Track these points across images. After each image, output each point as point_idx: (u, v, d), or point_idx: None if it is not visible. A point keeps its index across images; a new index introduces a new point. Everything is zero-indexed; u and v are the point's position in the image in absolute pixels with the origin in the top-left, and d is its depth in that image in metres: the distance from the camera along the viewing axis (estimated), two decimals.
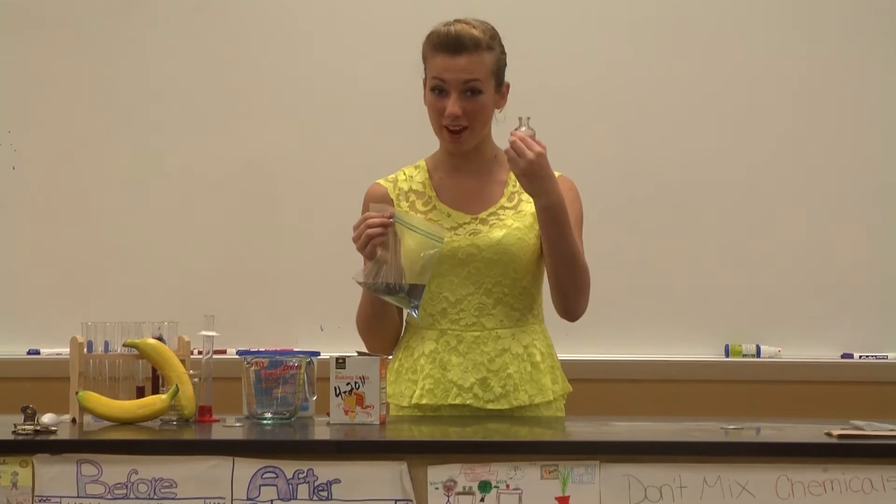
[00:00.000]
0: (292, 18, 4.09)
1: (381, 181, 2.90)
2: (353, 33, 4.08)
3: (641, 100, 4.06)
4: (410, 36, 2.89)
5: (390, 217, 2.67)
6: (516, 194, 2.85)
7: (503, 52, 2.82)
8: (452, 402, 2.78)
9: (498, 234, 2.80)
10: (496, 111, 2.83)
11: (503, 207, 2.84)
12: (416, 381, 2.81)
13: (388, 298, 2.72)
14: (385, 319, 2.85)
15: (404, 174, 2.91)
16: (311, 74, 4.08)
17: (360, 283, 2.71)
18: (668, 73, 4.06)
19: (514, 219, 2.82)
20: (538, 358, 2.83)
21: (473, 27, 2.76)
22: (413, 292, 2.70)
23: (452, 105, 2.74)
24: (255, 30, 4.10)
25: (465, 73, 2.74)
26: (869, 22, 4.06)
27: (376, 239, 2.65)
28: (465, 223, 2.82)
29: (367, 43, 4.07)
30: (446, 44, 2.74)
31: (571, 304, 2.82)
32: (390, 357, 2.88)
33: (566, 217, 2.72)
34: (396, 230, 2.68)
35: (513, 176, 2.84)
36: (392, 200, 2.85)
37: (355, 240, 2.67)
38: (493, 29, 2.81)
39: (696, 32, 4.06)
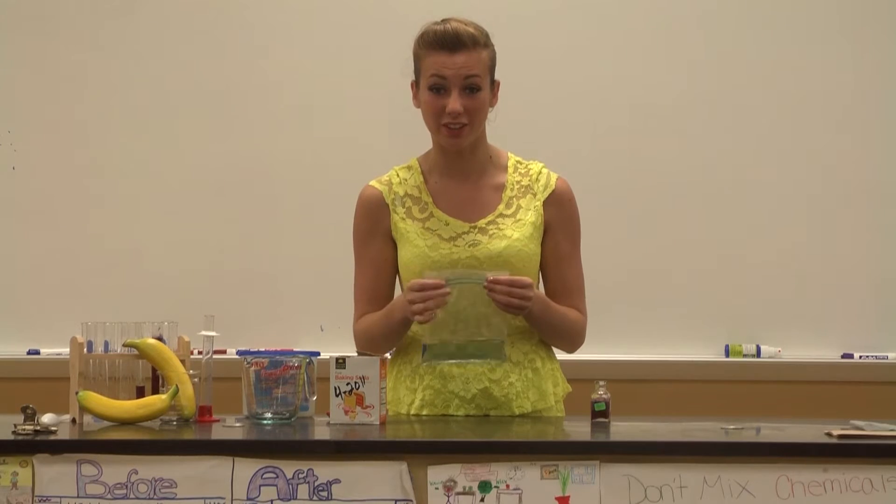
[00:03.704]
0: (290, 20, 4.08)
1: (375, 183, 2.87)
2: (352, 34, 4.07)
3: (641, 100, 4.06)
4: (409, 36, 2.89)
5: (447, 282, 2.64)
6: (514, 200, 2.83)
7: (494, 51, 2.80)
8: (454, 414, 2.77)
9: (498, 245, 2.77)
10: (489, 110, 2.82)
11: (502, 215, 2.82)
12: (416, 389, 2.80)
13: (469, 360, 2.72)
14: (394, 343, 2.85)
15: (397, 176, 2.87)
16: (311, 75, 4.08)
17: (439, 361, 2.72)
18: (666, 72, 4.06)
19: (513, 228, 2.79)
20: (539, 363, 2.82)
21: (467, 25, 2.75)
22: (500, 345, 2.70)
23: (454, 102, 2.72)
24: (254, 31, 4.09)
25: (465, 69, 2.72)
26: (867, 21, 4.06)
27: (431, 312, 2.63)
28: (463, 233, 2.80)
29: (365, 43, 4.06)
30: (444, 41, 2.73)
31: (567, 351, 2.90)
32: (389, 357, 2.88)
33: (551, 309, 2.77)
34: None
35: (510, 180, 2.84)
36: (388, 206, 2.83)
37: (415, 302, 2.62)
38: (484, 28, 2.79)
39: (697, 34, 4.06)
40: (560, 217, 2.84)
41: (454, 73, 2.72)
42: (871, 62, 4.06)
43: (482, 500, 2.29)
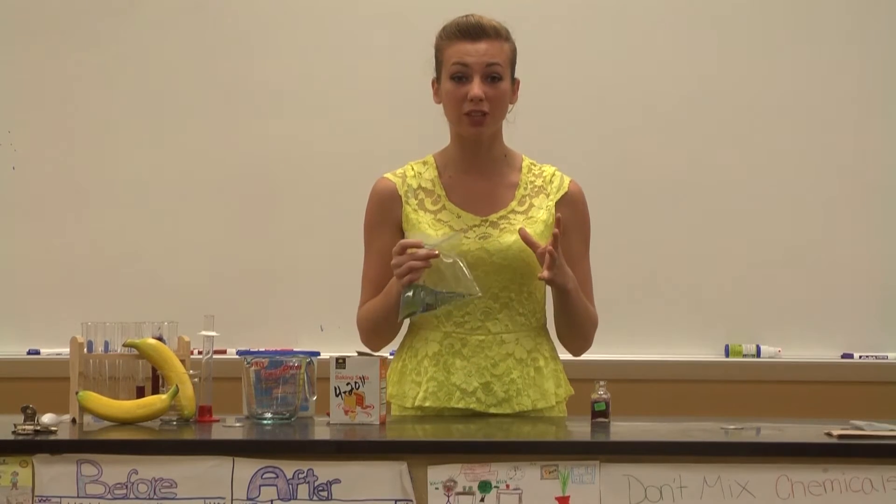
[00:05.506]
0: (292, 18, 4.09)
1: (389, 176, 2.88)
2: (354, 34, 4.07)
3: (641, 100, 4.06)
4: (412, 37, 2.90)
5: (436, 252, 2.64)
6: (527, 198, 2.84)
7: (515, 48, 2.83)
8: (455, 406, 2.77)
9: (508, 239, 2.78)
10: (509, 106, 2.83)
11: (514, 212, 2.83)
12: (420, 382, 2.80)
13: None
14: (394, 323, 2.84)
15: (412, 169, 2.88)
16: (312, 75, 4.08)
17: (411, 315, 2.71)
18: (667, 73, 4.06)
19: (525, 224, 2.79)
20: (541, 362, 2.82)
21: (490, 19, 2.80)
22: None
23: (476, 87, 2.74)
24: (255, 30, 4.09)
25: (487, 56, 2.75)
26: (868, 22, 4.06)
27: (417, 273, 2.63)
28: (474, 225, 2.81)
29: (367, 43, 4.06)
30: (467, 30, 2.77)
31: (578, 350, 2.91)
32: (391, 356, 2.88)
33: (581, 295, 2.79)
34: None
35: (524, 180, 2.86)
36: (401, 197, 2.84)
37: (396, 266, 2.65)
38: (504, 25, 2.82)
39: (701, 37, 4.07)
40: (572, 219, 2.85)
41: (476, 61, 2.75)
42: (871, 63, 4.06)
43: (482, 500, 2.29)
